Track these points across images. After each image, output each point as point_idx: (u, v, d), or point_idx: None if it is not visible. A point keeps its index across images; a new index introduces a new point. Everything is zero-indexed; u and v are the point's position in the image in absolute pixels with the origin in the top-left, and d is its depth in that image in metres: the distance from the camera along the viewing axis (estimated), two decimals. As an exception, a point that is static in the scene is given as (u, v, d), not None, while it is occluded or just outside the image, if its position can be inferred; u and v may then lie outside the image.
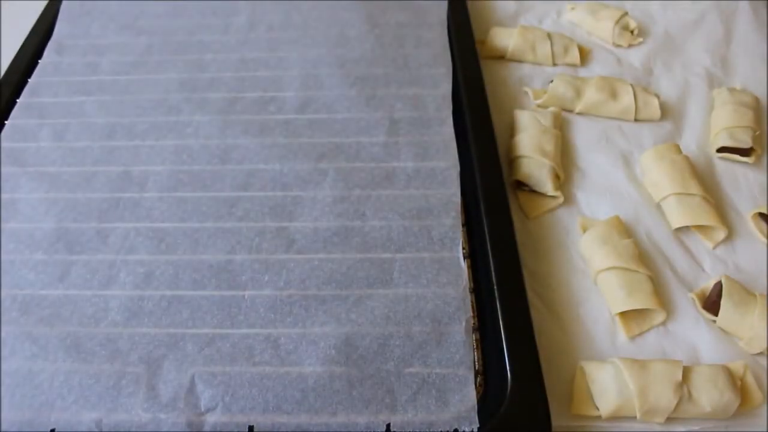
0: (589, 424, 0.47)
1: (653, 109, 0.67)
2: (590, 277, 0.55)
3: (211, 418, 0.43)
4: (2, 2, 0.82)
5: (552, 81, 0.69)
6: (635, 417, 0.46)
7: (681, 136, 0.67)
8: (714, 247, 0.58)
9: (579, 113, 0.68)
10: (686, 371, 0.47)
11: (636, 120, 0.67)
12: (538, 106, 0.69)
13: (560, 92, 0.68)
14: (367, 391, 0.44)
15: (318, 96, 0.64)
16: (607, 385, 0.47)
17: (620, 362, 0.47)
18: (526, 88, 0.71)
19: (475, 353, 0.47)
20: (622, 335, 0.52)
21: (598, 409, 0.47)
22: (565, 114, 0.68)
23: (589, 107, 0.68)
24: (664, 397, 0.45)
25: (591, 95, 0.67)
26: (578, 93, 0.68)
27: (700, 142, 0.66)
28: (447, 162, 0.58)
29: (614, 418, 0.47)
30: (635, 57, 0.75)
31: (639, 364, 0.47)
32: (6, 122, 0.63)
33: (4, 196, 0.56)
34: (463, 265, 0.51)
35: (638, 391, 0.45)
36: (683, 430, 0.47)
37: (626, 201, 0.61)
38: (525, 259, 0.54)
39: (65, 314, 0.49)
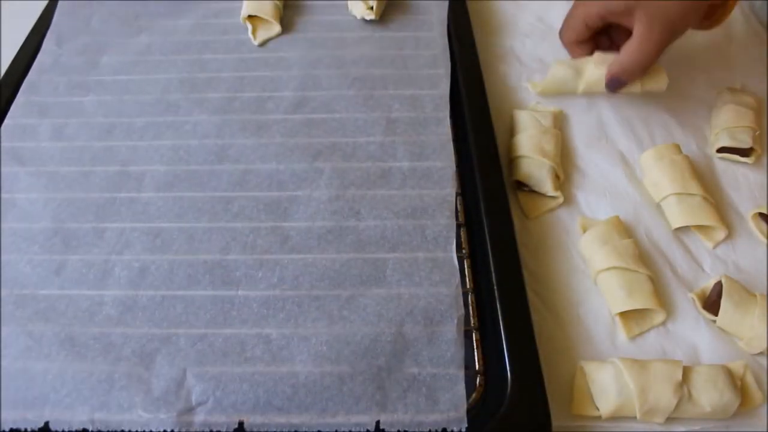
0: (589, 424, 0.47)
1: (659, 77, 0.64)
2: (590, 277, 0.55)
3: (201, 413, 0.43)
4: (2, 2, 0.82)
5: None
6: (635, 417, 0.46)
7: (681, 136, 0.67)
8: (714, 247, 0.57)
9: (583, 93, 0.66)
10: (686, 371, 0.46)
11: (642, 89, 0.64)
12: (539, 93, 0.68)
13: (560, 75, 0.66)
14: (357, 388, 0.44)
15: (315, 96, 0.64)
16: (607, 385, 0.47)
17: (620, 362, 0.47)
18: (526, 83, 0.70)
19: (476, 353, 0.46)
20: (622, 335, 0.51)
21: (598, 409, 0.47)
22: (565, 112, 0.68)
23: (592, 85, 0.65)
24: (664, 397, 0.45)
25: (592, 72, 0.65)
26: (579, 72, 0.66)
27: (700, 142, 0.66)
28: (443, 162, 0.58)
29: (614, 418, 0.46)
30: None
31: (639, 364, 0.47)
32: (5, 120, 0.63)
33: (2, 194, 0.56)
34: (456, 263, 0.51)
35: (638, 391, 0.45)
36: (683, 430, 0.46)
37: (626, 201, 0.60)
38: (525, 259, 0.54)
39: (60, 309, 0.49)
